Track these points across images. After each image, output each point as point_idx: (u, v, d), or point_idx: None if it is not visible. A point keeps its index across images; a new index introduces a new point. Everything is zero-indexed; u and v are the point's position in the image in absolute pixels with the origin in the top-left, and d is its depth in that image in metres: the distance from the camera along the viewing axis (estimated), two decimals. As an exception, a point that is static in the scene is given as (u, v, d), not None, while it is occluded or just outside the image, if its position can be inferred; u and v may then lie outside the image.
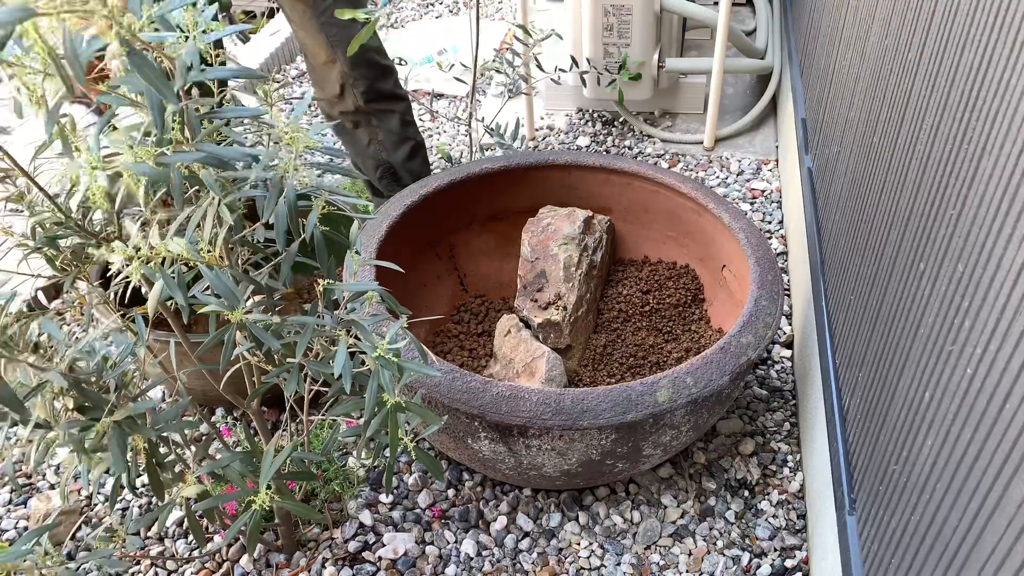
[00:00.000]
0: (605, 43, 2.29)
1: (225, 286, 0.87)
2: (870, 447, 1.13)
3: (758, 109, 2.47)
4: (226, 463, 1.08)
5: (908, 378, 0.99)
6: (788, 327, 1.87)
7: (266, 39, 3.05)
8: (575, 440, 1.29)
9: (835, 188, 1.54)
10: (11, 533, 1.52)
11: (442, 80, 2.78)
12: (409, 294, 1.65)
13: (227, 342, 0.91)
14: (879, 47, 1.30)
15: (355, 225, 1.01)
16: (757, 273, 1.45)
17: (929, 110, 1.01)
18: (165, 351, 1.44)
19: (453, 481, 1.56)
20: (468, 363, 1.66)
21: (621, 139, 2.50)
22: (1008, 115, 0.76)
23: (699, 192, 1.66)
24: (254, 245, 1.00)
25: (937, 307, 0.91)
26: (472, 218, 1.83)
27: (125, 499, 1.57)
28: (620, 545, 1.45)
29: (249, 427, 1.58)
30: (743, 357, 1.32)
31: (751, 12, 2.95)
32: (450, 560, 1.43)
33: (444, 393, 1.27)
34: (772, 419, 1.66)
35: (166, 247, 0.84)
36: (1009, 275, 0.72)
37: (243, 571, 1.41)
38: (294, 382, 0.98)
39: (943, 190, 0.93)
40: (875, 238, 1.21)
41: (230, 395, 1.22)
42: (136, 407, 0.96)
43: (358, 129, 1.91)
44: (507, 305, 1.80)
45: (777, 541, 1.45)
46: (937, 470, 0.87)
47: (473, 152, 2.19)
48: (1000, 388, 0.73)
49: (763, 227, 2.15)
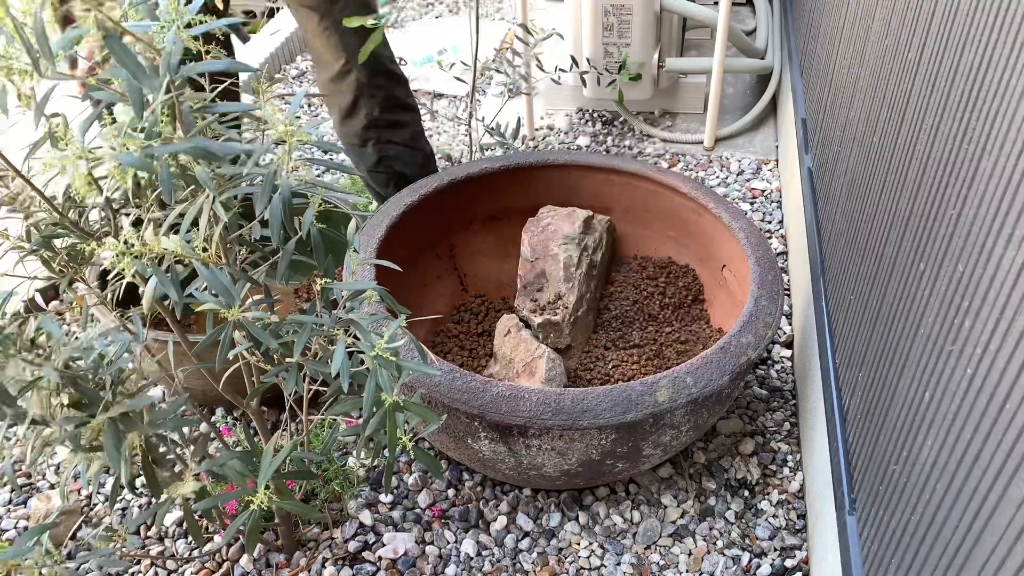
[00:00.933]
0: (605, 43, 2.29)
1: (221, 284, 0.87)
2: (870, 447, 1.13)
3: (758, 109, 2.47)
4: (225, 462, 1.08)
5: (908, 378, 0.99)
6: (788, 327, 1.87)
7: (266, 39, 3.05)
8: (575, 440, 1.28)
9: (835, 188, 1.54)
10: (11, 533, 1.52)
11: (442, 80, 2.78)
12: (409, 294, 1.65)
13: (224, 341, 0.91)
14: (879, 47, 1.30)
15: (352, 223, 1.01)
16: (757, 273, 1.45)
17: (929, 110, 1.01)
18: (164, 351, 1.44)
19: (453, 481, 1.56)
20: (468, 363, 1.66)
21: (621, 139, 2.50)
22: (1008, 115, 0.75)
23: (699, 192, 1.66)
24: (252, 243, 1.00)
25: (937, 307, 0.91)
26: (472, 218, 1.83)
27: (125, 499, 1.56)
28: (620, 545, 1.45)
29: (249, 426, 1.58)
30: (743, 357, 1.32)
31: (751, 12, 2.95)
32: (450, 560, 1.43)
33: (444, 393, 1.27)
34: (772, 419, 1.66)
35: (159, 243, 0.83)
36: (1009, 275, 0.72)
37: (243, 571, 1.41)
38: (293, 381, 0.98)
39: (943, 190, 0.93)
40: (875, 238, 1.21)
41: (229, 394, 1.22)
42: (132, 403, 0.96)
43: (366, 147, 1.86)
44: (507, 305, 1.80)
45: (777, 541, 1.44)
46: (937, 470, 0.87)
47: (473, 152, 2.19)
48: (1000, 388, 0.73)
49: (763, 227, 2.15)
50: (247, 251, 1.01)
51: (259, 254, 1.02)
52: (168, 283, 0.86)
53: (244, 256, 1.01)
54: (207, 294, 0.92)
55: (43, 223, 0.96)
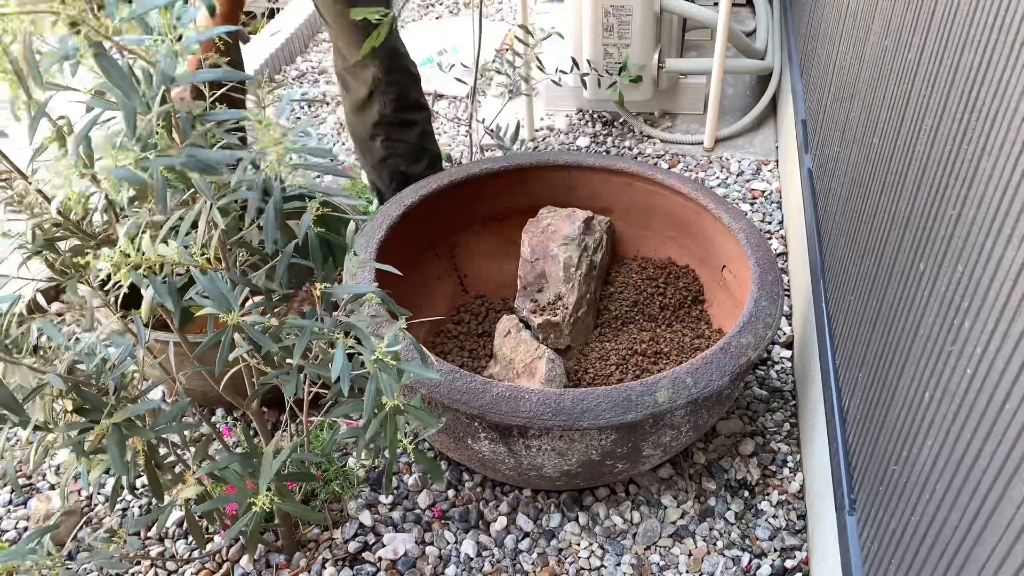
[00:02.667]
0: (605, 44, 2.29)
1: (217, 290, 0.87)
2: (870, 447, 1.13)
3: (758, 109, 2.47)
4: (226, 464, 1.08)
5: (908, 378, 0.99)
6: (788, 327, 1.87)
7: (266, 39, 3.05)
8: (575, 440, 1.29)
9: (835, 188, 1.54)
10: (11, 534, 1.52)
11: (442, 81, 2.78)
12: (409, 295, 1.65)
13: (224, 344, 0.91)
14: (879, 47, 1.30)
15: (351, 226, 1.01)
16: (757, 273, 1.45)
17: (929, 110, 1.01)
18: (165, 352, 1.44)
19: (453, 482, 1.56)
20: (468, 364, 1.66)
21: (621, 140, 2.50)
22: (1008, 115, 0.75)
23: (699, 193, 1.66)
24: (251, 247, 1.00)
25: (937, 307, 0.91)
26: (472, 219, 1.83)
27: (125, 500, 1.56)
28: (620, 545, 1.45)
29: (249, 428, 1.58)
30: (743, 357, 1.32)
31: (751, 12, 2.95)
32: (450, 560, 1.43)
33: (444, 393, 1.27)
34: (772, 419, 1.66)
35: (156, 252, 0.83)
36: (1009, 275, 0.72)
37: (243, 571, 1.41)
38: (293, 384, 0.98)
39: (943, 190, 0.93)
40: (875, 238, 1.21)
41: (230, 396, 1.22)
42: (135, 409, 0.96)
43: (374, 141, 1.87)
44: (507, 306, 1.80)
45: (777, 541, 1.44)
46: (937, 470, 0.87)
47: (473, 153, 2.19)
48: (1000, 388, 0.73)
49: (763, 227, 2.15)
50: (247, 253, 1.01)
51: (259, 256, 1.02)
52: (164, 293, 0.86)
53: (244, 259, 1.01)
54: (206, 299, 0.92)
55: (46, 224, 0.96)
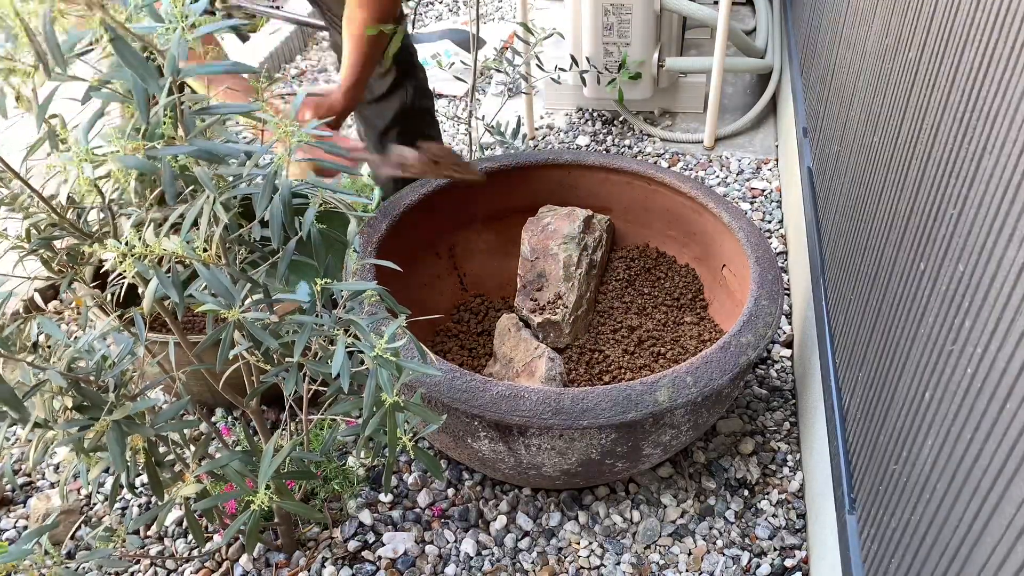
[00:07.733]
0: (605, 42, 2.28)
1: (221, 284, 0.87)
2: (870, 447, 1.13)
3: (758, 108, 2.46)
4: (225, 462, 1.08)
5: (908, 378, 0.99)
6: (788, 327, 1.87)
7: (266, 38, 3.04)
8: (575, 439, 1.28)
9: (835, 188, 1.54)
10: (11, 533, 1.52)
11: (442, 79, 2.78)
12: (409, 293, 1.65)
13: (224, 341, 0.91)
14: (879, 46, 1.30)
15: (353, 223, 1.01)
16: (757, 272, 1.45)
17: (929, 109, 1.01)
18: (164, 351, 1.44)
19: (453, 480, 1.56)
20: (468, 362, 1.66)
21: (621, 138, 2.50)
22: (1008, 115, 0.75)
23: (699, 191, 1.66)
24: (252, 243, 1.00)
25: (937, 307, 0.91)
26: (472, 217, 1.83)
27: (124, 498, 1.56)
28: (620, 544, 1.45)
29: (248, 426, 1.58)
30: (743, 357, 1.32)
31: (751, 11, 2.94)
32: (450, 559, 1.43)
33: (444, 392, 1.27)
34: (772, 418, 1.66)
35: (160, 245, 0.83)
36: (1009, 275, 0.72)
37: (242, 570, 1.41)
38: (293, 381, 0.98)
39: (943, 190, 0.93)
40: (875, 238, 1.21)
41: (229, 394, 1.22)
42: (135, 406, 0.96)
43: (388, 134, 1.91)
44: (507, 304, 1.80)
45: (777, 540, 1.44)
46: (937, 470, 0.87)
47: (473, 151, 2.18)
48: (1000, 388, 0.73)
49: (763, 226, 2.15)
50: (247, 251, 1.01)
51: (259, 254, 1.01)
52: (169, 284, 0.86)
53: (244, 256, 1.01)
54: (207, 294, 0.92)
55: (42, 223, 0.96)
